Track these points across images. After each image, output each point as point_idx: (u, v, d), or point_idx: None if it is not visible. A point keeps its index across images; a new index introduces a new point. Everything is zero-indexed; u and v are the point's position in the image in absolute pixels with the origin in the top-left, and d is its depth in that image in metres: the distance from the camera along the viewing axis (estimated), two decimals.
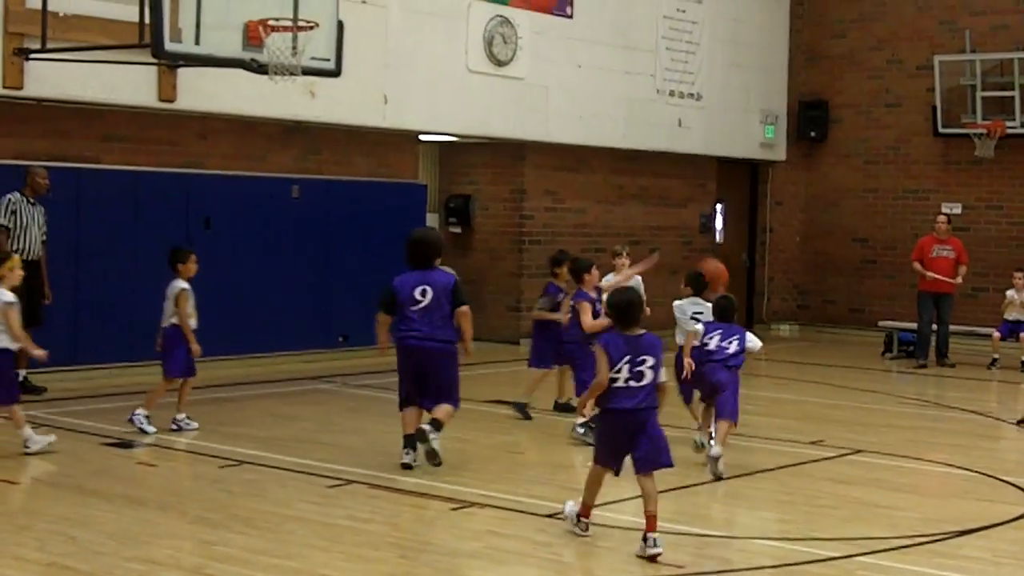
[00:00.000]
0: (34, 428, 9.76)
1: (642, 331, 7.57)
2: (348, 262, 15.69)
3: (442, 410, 9.47)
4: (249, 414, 11.79)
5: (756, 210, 22.34)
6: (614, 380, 7.42)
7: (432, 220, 17.97)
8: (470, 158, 18.51)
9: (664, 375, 7.56)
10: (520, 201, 18.12)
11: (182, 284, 10.74)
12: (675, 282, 20.02)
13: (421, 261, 9.58)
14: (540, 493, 8.80)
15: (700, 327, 10.20)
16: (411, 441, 9.44)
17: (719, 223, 21.61)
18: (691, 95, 19.84)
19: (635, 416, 7.46)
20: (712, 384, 9.93)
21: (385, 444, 10.41)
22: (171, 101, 13.59)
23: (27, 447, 9.56)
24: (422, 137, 17.12)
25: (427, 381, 9.47)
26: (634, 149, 19.21)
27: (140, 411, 10.59)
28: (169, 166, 14.14)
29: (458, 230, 18.49)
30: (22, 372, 12.33)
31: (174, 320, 10.70)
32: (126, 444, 10.08)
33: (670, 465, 7.62)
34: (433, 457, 9.34)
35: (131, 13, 11.83)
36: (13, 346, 9.61)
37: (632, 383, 7.42)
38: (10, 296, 9.60)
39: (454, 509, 8.28)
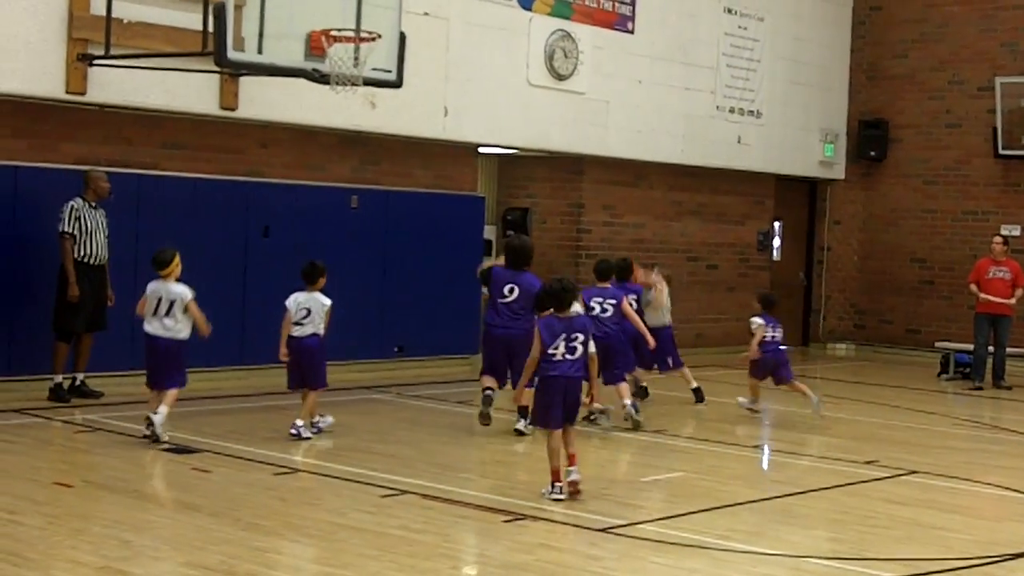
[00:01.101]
0: (90, 432, 9.83)
1: (574, 314, 9.24)
2: (405, 273, 15.73)
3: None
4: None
5: (814, 228, 22.21)
6: (552, 355, 8.91)
7: (490, 232, 17.99)
8: (529, 171, 18.52)
9: (592, 348, 9.29)
10: (578, 215, 18.12)
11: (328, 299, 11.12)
12: (732, 299, 20.14)
13: (515, 263, 11.66)
14: (594, 507, 8.76)
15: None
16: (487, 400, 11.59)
17: (776, 241, 21.50)
18: (751, 112, 19.76)
19: (569, 382, 8.99)
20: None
21: (439, 455, 10.43)
22: (232, 109, 13.70)
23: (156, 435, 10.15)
24: (481, 149, 17.14)
25: (509, 361, 11.48)
26: (693, 165, 19.16)
27: (299, 421, 10.88)
28: (229, 174, 14.23)
29: None
30: (79, 376, 12.46)
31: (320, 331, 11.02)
32: (181, 449, 10.14)
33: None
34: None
35: (195, 21, 11.94)
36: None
37: (567, 356, 8.95)
38: (189, 292, 10.51)
39: (507, 521, 8.26)
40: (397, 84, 12.33)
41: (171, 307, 10.48)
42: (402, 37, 12.19)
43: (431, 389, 13.76)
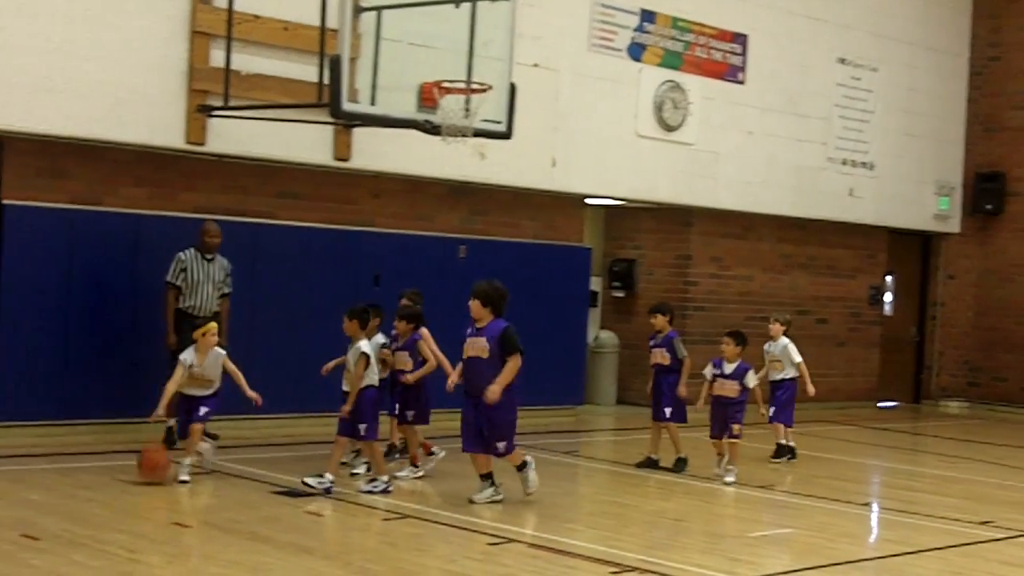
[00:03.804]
0: (206, 473, 9.94)
1: None
2: (511, 323, 15.72)
3: None
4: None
5: (927, 283, 21.87)
6: None
7: (596, 284, 18.02)
8: (636, 222, 18.52)
9: None
10: (685, 267, 18.06)
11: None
12: (842, 354, 19.89)
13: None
14: (702, 562, 8.68)
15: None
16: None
17: (888, 295, 21.21)
18: (863, 164, 19.58)
19: None
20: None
21: (545, 504, 10.42)
22: (345, 160, 13.93)
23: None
24: (588, 200, 17.19)
25: None
26: (803, 217, 19.02)
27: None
28: (341, 223, 14.45)
29: (622, 294, 18.48)
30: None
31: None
32: (294, 493, 10.26)
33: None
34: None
35: (310, 73, 12.19)
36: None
37: None
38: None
39: (613, 573, 8.21)
40: (507, 135, 12.42)
41: None
42: (512, 88, 12.30)
43: (536, 439, 13.75)
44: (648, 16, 16.79)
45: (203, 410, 10.72)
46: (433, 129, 11.57)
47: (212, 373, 10.73)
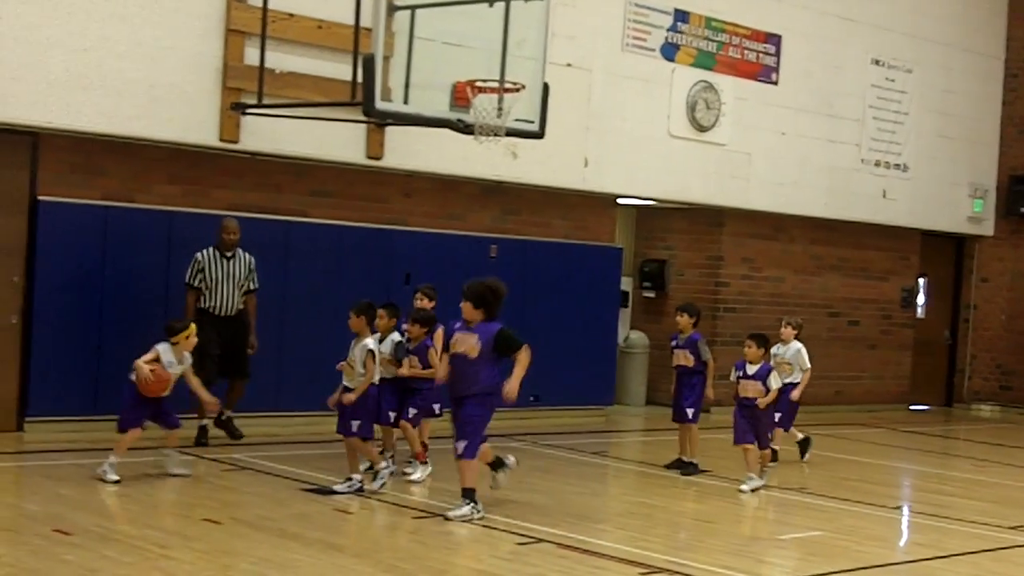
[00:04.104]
0: (237, 471, 9.99)
1: None
2: (542, 322, 15.77)
3: None
4: (440, 468, 11.92)
5: (960, 286, 21.74)
6: None
7: (627, 284, 18.01)
8: (667, 223, 18.50)
9: None
10: (716, 268, 18.02)
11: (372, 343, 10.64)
12: (874, 356, 19.80)
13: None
14: (729, 563, 8.67)
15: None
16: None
17: (921, 298, 21.10)
18: (897, 166, 19.49)
19: None
20: None
21: (574, 504, 10.42)
22: (378, 159, 13.97)
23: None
24: (620, 200, 17.18)
25: None
26: (835, 219, 18.95)
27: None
28: (373, 222, 14.49)
29: (652, 295, 18.47)
30: (227, 412, 12.62)
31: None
32: (324, 490, 10.29)
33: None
34: None
35: (344, 72, 12.22)
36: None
37: None
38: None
39: (642, 574, 8.22)
40: (540, 135, 12.42)
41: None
42: (545, 88, 12.30)
43: (566, 439, 13.77)
44: (682, 16, 16.75)
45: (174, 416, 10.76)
46: (466, 128, 11.59)
47: (179, 369, 10.62)
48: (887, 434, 17.15)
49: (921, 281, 21.00)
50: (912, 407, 20.61)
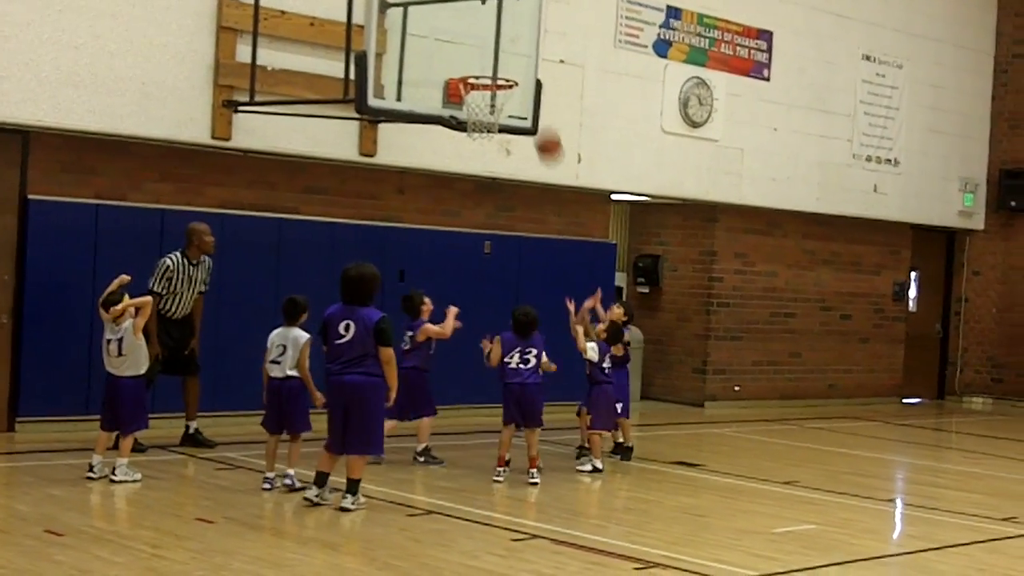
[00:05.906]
0: (230, 469, 9.98)
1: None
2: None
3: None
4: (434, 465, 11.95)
5: (951, 280, 21.80)
6: (508, 362, 11.02)
7: (621, 280, 18.01)
8: (661, 218, 18.52)
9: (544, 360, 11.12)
10: (710, 263, 18.04)
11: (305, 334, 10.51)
12: (866, 350, 19.83)
13: (351, 298, 9.76)
14: (723, 557, 8.69)
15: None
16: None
17: (912, 291, 21.14)
18: (888, 161, 19.52)
19: (523, 388, 11.04)
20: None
21: (569, 500, 10.43)
22: (371, 156, 13.96)
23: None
24: (614, 196, 17.19)
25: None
26: (827, 214, 18.98)
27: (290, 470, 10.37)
28: (367, 219, 14.48)
29: (646, 290, 18.49)
30: (192, 424, 12.20)
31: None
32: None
33: (541, 425, 11.25)
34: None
35: (336, 69, 12.22)
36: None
37: (521, 366, 11.06)
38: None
39: (638, 569, 8.23)
40: (533, 131, 12.43)
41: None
42: (538, 85, 12.32)
43: (560, 435, 13.76)
44: (674, 12, 16.76)
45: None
46: (459, 125, 11.60)
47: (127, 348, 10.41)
48: (879, 427, 17.19)
49: (913, 275, 21.04)
50: (904, 400, 20.66)
